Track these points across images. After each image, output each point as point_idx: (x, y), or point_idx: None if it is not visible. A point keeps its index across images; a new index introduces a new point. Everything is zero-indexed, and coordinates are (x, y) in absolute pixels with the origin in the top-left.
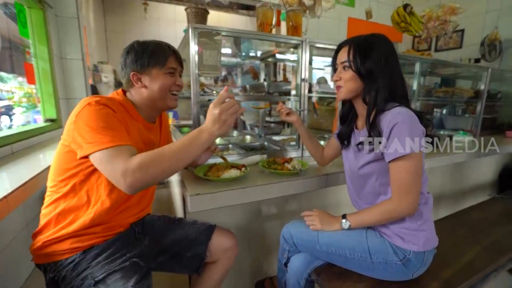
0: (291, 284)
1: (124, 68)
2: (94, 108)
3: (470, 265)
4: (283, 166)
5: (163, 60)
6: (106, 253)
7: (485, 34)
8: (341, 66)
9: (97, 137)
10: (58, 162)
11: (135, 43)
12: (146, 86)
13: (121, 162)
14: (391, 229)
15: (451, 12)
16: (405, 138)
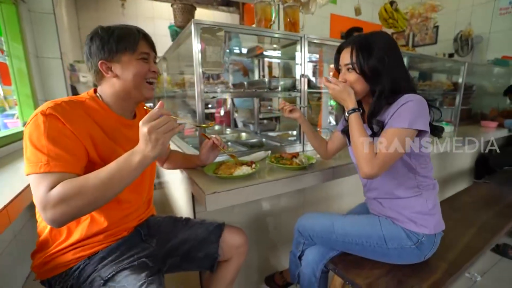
0: (307, 276)
1: (89, 58)
2: (41, 120)
3: (469, 245)
4: (292, 161)
5: (133, 45)
6: (112, 256)
7: (457, 31)
8: (345, 68)
9: (34, 157)
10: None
11: (99, 28)
12: (117, 75)
13: (41, 193)
14: (404, 214)
15: (431, 9)
16: (411, 114)
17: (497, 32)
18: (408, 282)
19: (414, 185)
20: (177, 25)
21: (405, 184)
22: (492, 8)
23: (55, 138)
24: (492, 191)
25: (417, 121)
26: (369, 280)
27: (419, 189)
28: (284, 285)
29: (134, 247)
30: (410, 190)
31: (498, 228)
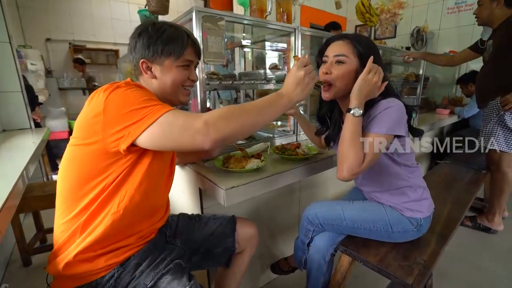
0: (316, 261)
1: (132, 52)
2: (127, 89)
3: (449, 217)
4: (297, 152)
5: (179, 51)
6: (146, 261)
7: (413, 26)
8: (334, 59)
9: (143, 110)
10: (78, 169)
11: (150, 25)
12: (156, 77)
13: (196, 116)
14: (400, 204)
15: (399, 6)
16: (390, 120)
17: (445, 29)
18: (411, 255)
19: (401, 177)
20: (151, 11)
21: (393, 177)
22: (441, 7)
23: (147, 95)
24: (454, 170)
25: (395, 127)
26: (379, 257)
27: (405, 180)
28: (290, 270)
29: (162, 249)
30: (399, 181)
31: (466, 201)
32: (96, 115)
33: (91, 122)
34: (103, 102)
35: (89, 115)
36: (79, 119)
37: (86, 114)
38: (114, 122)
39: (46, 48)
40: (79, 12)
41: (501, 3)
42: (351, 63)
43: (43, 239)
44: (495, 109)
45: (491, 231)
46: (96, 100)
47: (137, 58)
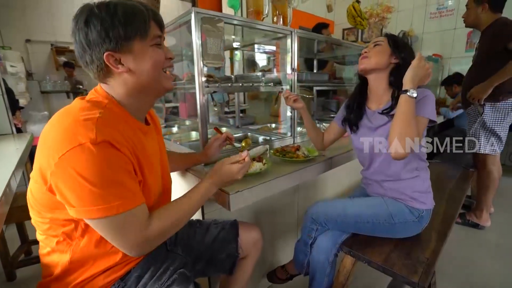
0: (320, 262)
1: (87, 49)
2: (95, 154)
3: (446, 214)
4: (297, 154)
5: (144, 27)
6: (148, 272)
7: (398, 30)
8: (372, 44)
9: (101, 199)
10: (38, 203)
11: (94, 5)
12: (130, 69)
13: (136, 232)
14: (406, 193)
15: (387, 10)
16: (431, 106)
17: (428, 33)
18: (414, 252)
19: (414, 168)
20: None
21: (407, 167)
22: (424, 12)
23: (121, 168)
24: (445, 169)
25: (433, 113)
26: (383, 256)
27: (418, 171)
28: (288, 278)
29: (164, 259)
30: (411, 172)
31: (459, 199)
32: (48, 162)
33: (42, 165)
34: (58, 157)
35: (43, 154)
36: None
37: (41, 151)
38: (64, 186)
39: (26, 50)
40: (61, 12)
41: (486, 7)
42: (384, 46)
43: (27, 251)
44: (478, 113)
45: (479, 227)
46: (51, 144)
47: (97, 55)
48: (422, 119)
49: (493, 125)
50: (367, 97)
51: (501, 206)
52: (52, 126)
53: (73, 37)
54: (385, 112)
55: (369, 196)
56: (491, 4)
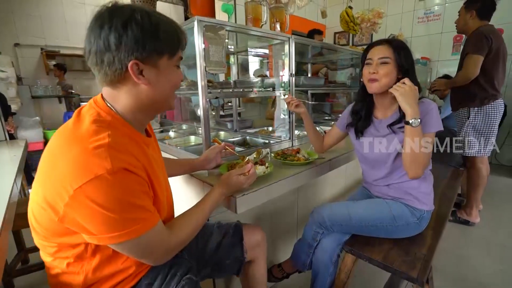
0: (324, 262)
1: (113, 50)
2: (110, 184)
3: (440, 214)
4: (298, 157)
5: (175, 47)
6: (158, 280)
7: (388, 34)
8: (378, 61)
9: (122, 224)
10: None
11: (137, 12)
12: (150, 82)
13: (161, 247)
14: (411, 194)
15: (378, 16)
16: (437, 120)
17: (416, 37)
18: (411, 250)
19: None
20: None
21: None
22: (412, 17)
23: (138, 192)
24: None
25: (439, 124)
26: (383, 254)
27: (424, 173)
28: (284, 276)
29: (171, 265)
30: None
31: (451, 197)
32: (60, 193)
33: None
34: (73, 190)
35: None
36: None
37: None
38: (81, 217)
39: (15, 54)
40: (50, 15)
41: (473, 14)
42: (392, 65)
43: (25, 260)
44: (465, 116)
45: (469, 223)
46: (63, 175)
47: (123, 59)
48: (430, 134)
49: (482, 128)
50: (374, 106)
51: (488, 203)
52: (58, 154)
53: (97, 31)
54: (394, 123)
55: (371, 198)
56: (478, 12)
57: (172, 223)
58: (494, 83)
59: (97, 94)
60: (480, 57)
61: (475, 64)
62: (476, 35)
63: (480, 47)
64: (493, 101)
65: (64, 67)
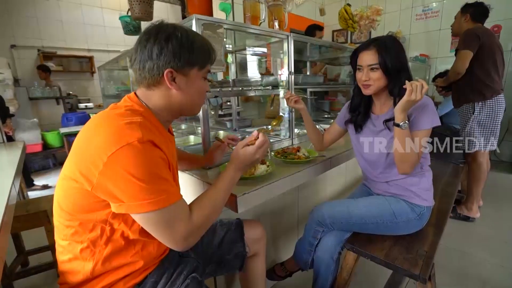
0: (325, 260)
1: (154, 58)
2: (141, 151)
3: (440, 210)
4: (298, 155)
5: (206, 61)
6: (163, 278)
7: (386, 31)
8: (367, 68)
9: (149, 193)
10: (75, 206)
11: (178, 30)
12: (180, 88)
13: (184, 223)
14: (411, 190)
15: (376, 13)
16: (431, 116)
17: (415, 34)
18: (413, 247)
19: (420, 167)
20: (135, 17)
21: (415, 168)
22: (411, 14)
23: (162, 166)
24: (435, 165)
25: (435, 120)
26: (385, 251)
27: (422, 169)
28: (287, 275)
29: (177, 264)
30: (416, 170)
31: (451, 194)
32: (95, 162)
33: (87, 165)
34: (107, 157)
35: (88, 156)
36: (77, 152)
37: (85, 152)
38: (112, 184)
39: (11, 56)
40: (47, 17)
41: (467, 17)
42: (380, 71)
43: (24, 262)
44: (470, 112)
45: (469, 219)
46: (99, 145)
47: (159, 66)
48: (424, 131)
49: (487, 122)
50: (372, 101)
51: (488, 199)
52: (94, 131)
53: (144, 43)
54: (388, 121)
55: (372, 195)
56: (472, 15)
57: (190, 205)
58: (495, 78)
59: (94, 95)
60: (469, 52)
61: (463, 59)
62: (466, 32)
63: (468, 43)
64: (496, 96)
65: (47, 68)
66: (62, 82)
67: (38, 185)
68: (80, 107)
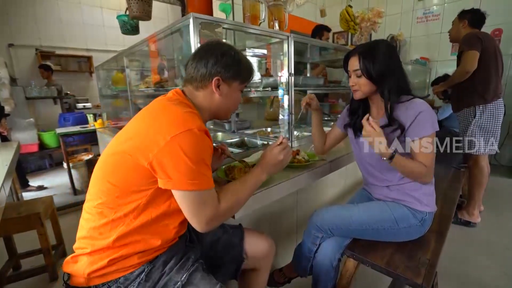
0: (325, 267)
1: (208, 66)
2: (198, 138)
3: (443, 215)
4: (298, 159)
5: (246, 78)
6: (174, 259)
7: (387, 34)
8: (354, 73)
9: (195, 174)
10: (120, 178)
11: (233, 49)
12: (222, 94)
13: (212, 208)
14: (412, 195)
15: (378, 15)
16: (430, 122)
17: (415, 37)
18: (415, 255)
19: None
20: (132, 16)
21: None
22: (412, 17)
23: (209, 155)
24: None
25: (435, 124)
26: (386, 259)
27: None
28: (286, 281)
29: (185, 251)
30: None
31: (453, 198)
32: (157, 141)
33: (148, 143)
34: (170, 137)
35: (149, 135)
36: (136, 131)
37: (146, 132)
38: (168, 160)
39: (9, 55)
40: (46, 16)
41: (465, 23)
42: (364, 77)
43: (16, 266)
44: (471, 116)
45: (470, 224)
46: (163, 127)
47: (211, 73)
48: (426, 138)
49: (488, 126)
50: (369, 104)
51: (489, 204)
52: (154, 116)
53: (203, 53)
54: (384, 127)
55: (372, 201)
56: (470, 21)
57: (219, 193)
58: (495, 81)
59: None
60: (476, 52)
61: (471, 58)
62: (468, 35)
63: (474, 44)
64: (496, 100)
65: (49, 67)
66: (60, 82)
67: (33, 186)
68: (78, 107)
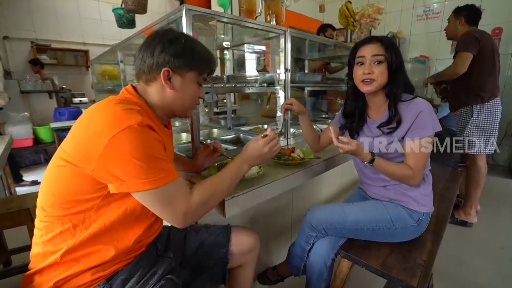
0: (318, 267)
1: (155, 56)
2: (139, 134)
3: (439, 215)
4: (293, 156)
5: (203, 68)
6: (135, 276)
7: (386, 31)
8: (373, 59)
9: (148, 172)
10: (63, 187)
11: (183, 36)
12: (174, 88)
13: (183, 201)
14: (409, 195)
15: (377, 12)
16: (431, 122)
17: (415, 35)
18: (411, 255)
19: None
20: (128, 9)
21: None
22: (412, 14)
23: (160, 147)
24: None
25: (436, 124)
26: (381, 260)
27: (424, 173)
28: (279, 279)
29: (153, 263)
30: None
31: (450, 199)
32: (95, 145)
33: (87, 148)
34: (108, 139)
35: (87, 139)
36: (75, 137)
37: (84, 136)
38: (113, 164)
39: (3, 47)
40: (41, 8)
41: (462, 20)
42: (385, 63)
43: (7, 262)
44: (468, 115)
45: (467, 224)
46: (99, 129)
47: (158, 64)
48: (425, 139)
49: (486, 125)
50: (367, 105)
51: (485, 204)
52: (91, 118)
53: (149, 42)
54: (383, 125)
55: (368, 200)
56: (467, 18)
57: (194, 186)
58: (493, 80)
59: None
60: (469, 54)
61: (463, 60)
62: (466, 35)
63: (469, 45)
64: (493, 98)
65: (38, 61)
66: (56, 76)
67: (27, 181)
68: (75, 102)
